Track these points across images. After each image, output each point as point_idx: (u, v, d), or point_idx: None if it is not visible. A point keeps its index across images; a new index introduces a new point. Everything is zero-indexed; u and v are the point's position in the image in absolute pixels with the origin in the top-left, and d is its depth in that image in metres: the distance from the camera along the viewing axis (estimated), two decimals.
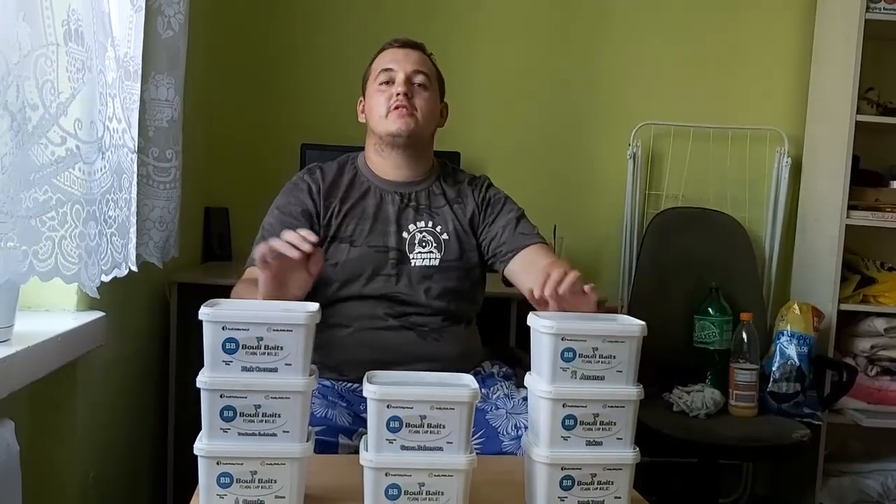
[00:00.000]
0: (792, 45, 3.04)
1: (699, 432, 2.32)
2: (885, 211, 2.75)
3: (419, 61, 1.80)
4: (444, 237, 1.78)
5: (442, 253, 1.76)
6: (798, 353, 2.50)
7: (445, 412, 1.18)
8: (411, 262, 1.75)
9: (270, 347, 1.20)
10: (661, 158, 3.01)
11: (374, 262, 1.73)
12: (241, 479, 1.21)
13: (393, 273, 1.73)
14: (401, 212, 1.78)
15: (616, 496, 1.27)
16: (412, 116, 1.75)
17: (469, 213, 1.82)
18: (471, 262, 1.80)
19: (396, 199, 1.79)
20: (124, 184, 1.56)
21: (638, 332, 1.27)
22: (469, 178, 1.90)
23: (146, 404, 2.25)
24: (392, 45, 1.82)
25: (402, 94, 1.74)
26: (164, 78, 1.82)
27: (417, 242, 1.76)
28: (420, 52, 1.82)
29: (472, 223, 1.82)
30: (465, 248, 1.79)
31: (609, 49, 3.00)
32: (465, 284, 1.79)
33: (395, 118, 1.74)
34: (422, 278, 1.74)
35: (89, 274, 1.34)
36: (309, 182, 1.79)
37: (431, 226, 1.79)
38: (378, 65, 1.80)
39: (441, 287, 1.75)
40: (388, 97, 1.75)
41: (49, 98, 1.18)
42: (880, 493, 2.75)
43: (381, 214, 1.77)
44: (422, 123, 1.77)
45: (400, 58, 1.78)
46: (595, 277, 2.98)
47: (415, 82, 1.77)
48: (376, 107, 1.77)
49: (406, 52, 1.80)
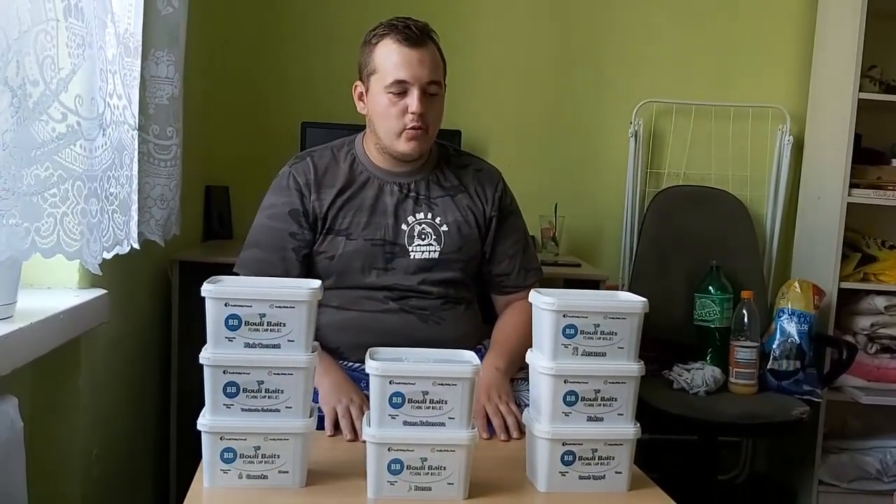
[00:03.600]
0: (795, 22, 3.02)
1: (699, 410, 2.34)
2: (887, 189, 2.74)
3: (433, 66, 1.65)
4: (444, 229, 1.74)
5: (441, 245, 1.73)
6: (798, 330, 2.51)
7: (447, 388, 1.19)
8: (410, 255, 1.72)
9: (273, 324, 1.21)
10: (663, 136, 3.00)
11: (370, 255, 1.70)
12: (244, 455, 1.22)
13: (390, 266, 1.71)
14: (399, 203, 1.73)
15: (617, 471, 1.28)
16: (424, 135, 1.67)
17: (479, 206, 1.78)
18: (470, 252, 1.77)
19: (395, 189, 1.74)
20: (125, 161, 1.55)
21: (640, 309, 1.28)
22: (475, 166, 1.83)
23: (149, 381, 2.26)
24: (399, 40, 1.63)
25: (419, 114, 1.63)
26: (164, 55, 1.81)
27: (417, 235, 1.72)
28: (431, 48, 1.67)
29: (480, 217, 1.77)
30: (465, 239, 1.75)
31: (611, 27, 2.98)
32: (463, 274, 1.77)
33: (408, 140, 1.66)
34: (420, 270, 1.72)
35: (91, 251, 1.34)
36: (296, 175, 1.73)
37: (430, 217, 1.74)
38: (385, 65, 1.64)
39: (439, 277, 1.73)
40: (401, 112, 1.64)
41: (49, 74, 1.17)
42: (879, 470, 2.77)
43: (378, 206, 1.72)
44: (432, 137, 1.71)
45: (413, 65, 1.62)
46: (596, 255, 2.99)
47: (429, 93, 1.65)
48: (385, 119, 1.66)
49: (420, 57, 1.63)
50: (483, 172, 1.83)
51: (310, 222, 1.71)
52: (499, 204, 1.80)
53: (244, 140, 2.86)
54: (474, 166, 1.83)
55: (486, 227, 1.79)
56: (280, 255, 1.70)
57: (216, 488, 1.22)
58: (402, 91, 1.64)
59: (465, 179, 1.80)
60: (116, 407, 1.91)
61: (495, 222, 1.79)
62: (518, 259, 1.81)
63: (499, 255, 1.80)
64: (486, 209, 1.79)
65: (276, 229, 1.71)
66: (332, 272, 1.71)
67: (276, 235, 1.71)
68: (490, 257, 1.80)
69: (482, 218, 1.78)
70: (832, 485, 2.77)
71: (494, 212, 1.79)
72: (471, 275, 1.80)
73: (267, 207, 1.75)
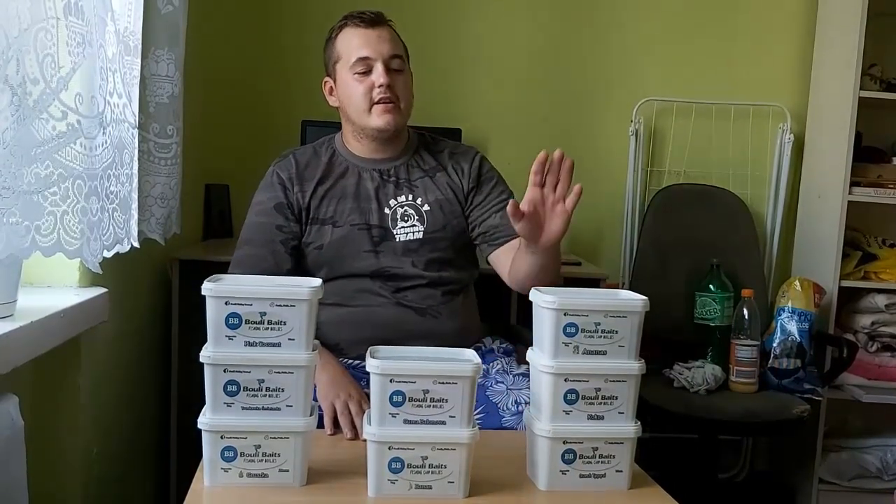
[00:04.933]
0: (795, 21, 3.02)
1: (699, 408, 2.34)
2: (888, 187, 2.74)
3: (392, 42, 1.72)
4: (426, 208, 1.76)
5: (425, 225, 1.75)
6: (799, 329, 2.51)
7: (448, 386, 1.19)
8: (396, 238, 1.74)
9: (273, 322, 1.21)
10: (663, 135, 3.00)
11: (357, 240, 1.73)
12: (245, 453, 1.22)
13: (378, 249, 1.73)
14: (380, 188, 1.76)
15: (617, 470, 1.28)
16: (396, 109, 1.71)
17: (457, 182, 1.80)
18: (456, 229, 1.78)
19: (375, 175, 1.77)
20: (126, 159, 1.55)
21: (640, 308, 1.28)
22: (452, 147, 1.87)
23: (149, 380, 2.26)
24: (356, 23, 1.72)
25: (386, 85, 1.68)
26: (164, 53, 1.80)
27: (399, 217, 1.75)
28: (388, 27, 1.74)
29: (459, 193, 1.80)
30: (448, 216, 1.77)
31: (611, 25, 2.98)
32: (451, 253, 1.78)
33: (381, 113, 1.70)
34: (407, 251, 1.74)
35: (91, 249, 1.34)
36: (279, 172, 1.77)
37: (412, 199, 1.77)
38: (348, 48, 1.72)
39: (427, 258, 1.74)
40: (368, 88, 1.69)
41: (49, 72, 1.17)
42: (879, 468, 2.77)
43: (361, 192, 1.76)
44: (405, 112, 1.75)
45: (373, 42, 1.70)
46: (596, 254, 2.99)
47: (392, 68, 1.70)
48: (355, 98, 1.71)
49: (378, 34, 1.71)
50: (459, 151, 1.87)
51: (295, 214, 1.75)
52: (477, 174, 1.82)
53: (244, 138, 2.86)
54: (450, 148, 1.87)
55: (467, 199, 1.81)
56: (270, 248, 1.72)
57: (217, 487, 1.22)
58: (366, 70, 1.70)
59: (443, 160, 1.83)
60: (117, 405, 1.91)
61: (474, 190, 1.81)
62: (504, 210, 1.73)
63: (482, 212, 1.80)
64: (463, 183, 1.81)
65: (263, 224, 1.74)
66: (323, 262, 1.73)
67: (264, 230, 1.74)
68: (477, 219, 1.80)
69: (461, 193, 1.81)
70: (832, 483, 2.77)
71: (473, 183, 1.81)
72: (459, 254, 1.80)
73: (254, 206, 1.79)
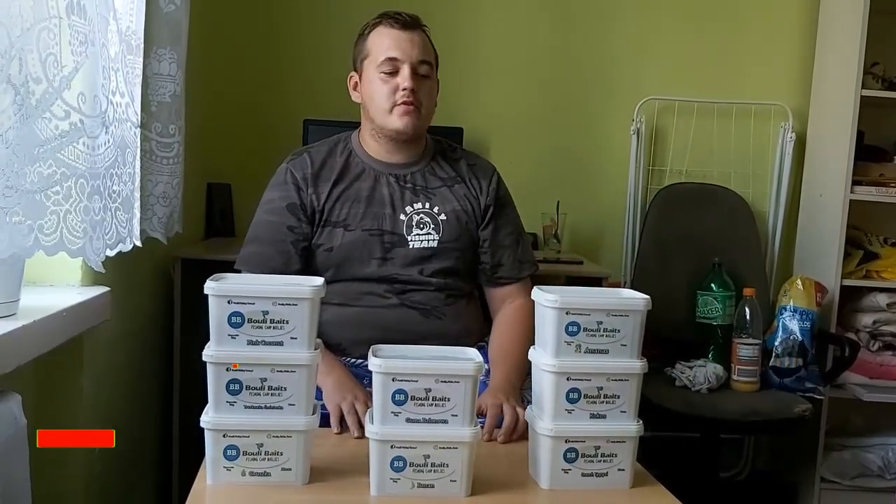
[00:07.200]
0: (797, 19, 3.02)
1: (701, 407, 2.34)
2: (890, 186, 2.74)
3: (423, 47, 1.71)
4: (442, 218, 1.76)
5: (440, 234, 1.75)
6: (800, 328, 2.51)
7: (450, 385, 1.19)
8: (409, 245, 1.73)
9: (276, 321, 1.21)
10: (665, 134, 3.00)
11: (368, 245, 1.72)
12: (247, 452, 1.22)
13: (388, 256, 1.72)
14: (397, 193, 1.75)
15: (619, 468, 1.28)
16: (417, 113, 1.70)
17: (475, 196, 1.80)
18: (468, 241, 1.79)
19: (392, 180, 1.76)
20: (128, 158, 1.56)
21: (642, 306, 1.28)
22: (470, 159, 1.86)
23: (151, 378, 2.26)
24: (391, 24, 1.71)
25: (410, 89, 1.68)
26: (166, 52, 1.80)
27: (415, 224, 1.74)
28: (421, 32, 1.74)
29: (477, 208, 1.80)
30: (463, 228, 1.77)
31: (613, 24, 2.98)
32: (460, 264, 1.78)
33: (401, 115, 1.69)
34: (419, 259, 1.73)
35: (94, 248, 1.34)
36: (293, 170, 1.75)
37: (429, 207, 1.76)
38: (378, 47, 1.71)
39: (437, 267, 1.74)
40: (393, 90, 1.69)
41: (52, 71, 1.17)
42: (881, 467, 2.77)
43: (375, 197, 1.74)
44: (425, 117, 1.74)
45: (405, 45, 1.69)
46: (598, 253, 2.99)
47: (419, 73, 1.70)
48: (378, 97, 1.70)
49: (410, 37, 1.70)
50: (478, 165, 1.86)
51: (307, 216, 1.73)
52: (495, 194, 1.82)
53: (246, 137, 2.86)
54: (468, 160, 1.86)
55: (483, 216, 1.81)
56: (279, 248, 1.72)
57: (219, 485, 1.22)
58: (393, 70, 1.69)
59: (461, 170, 1.83)
60: (119, 404, 1.91)
61: (491, 212, 1.81)
62: (512, 250, 1.82)
63: (493, 245, 1.81)
64: (481, 199, 1.81)
65: (274, 223, 1.73)
66: (332, 264, 1.73)
67: (274, 229, 1.73)
68: (485, 247, 1.81)
69: (479, 208, 1.80)
70: (834, 482, 2.76)
71: (490, 201, 1.81)
72: (468, 265, 1.81)
73: (265, 203, 1.77)
